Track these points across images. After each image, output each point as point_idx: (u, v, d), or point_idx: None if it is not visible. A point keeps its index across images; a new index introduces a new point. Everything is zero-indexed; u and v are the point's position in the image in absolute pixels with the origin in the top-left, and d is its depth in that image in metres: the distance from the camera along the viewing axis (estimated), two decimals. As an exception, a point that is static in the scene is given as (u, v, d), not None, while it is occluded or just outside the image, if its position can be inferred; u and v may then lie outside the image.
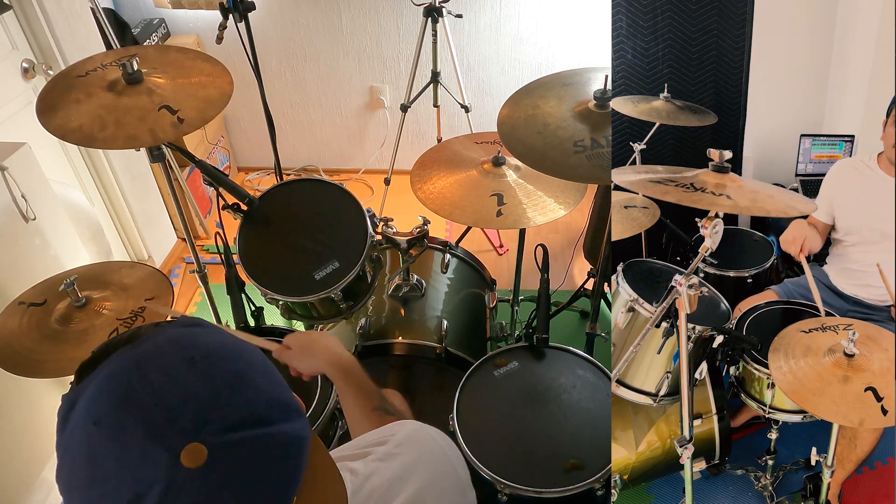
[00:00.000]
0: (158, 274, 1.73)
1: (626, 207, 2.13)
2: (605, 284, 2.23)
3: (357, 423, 1.05)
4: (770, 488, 1.89)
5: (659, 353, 1.63)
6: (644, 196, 1.99)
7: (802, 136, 2.54)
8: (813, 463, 1.67)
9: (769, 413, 1.71)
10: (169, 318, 0.65)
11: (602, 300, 2.28)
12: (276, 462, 0.53)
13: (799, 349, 1.52)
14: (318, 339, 1.18)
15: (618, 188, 1.78)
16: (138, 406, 0.51)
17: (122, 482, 0.50)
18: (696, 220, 1.36)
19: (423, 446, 0.81)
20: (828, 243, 2.03)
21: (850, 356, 1.44)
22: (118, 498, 0.50)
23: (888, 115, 1.82)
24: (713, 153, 1.39)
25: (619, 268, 1.76)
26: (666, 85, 2.14)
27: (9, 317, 1.57)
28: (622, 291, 1.71)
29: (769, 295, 1.97)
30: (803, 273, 2.09)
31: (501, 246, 3.18)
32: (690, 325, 1.53)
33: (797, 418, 1.69)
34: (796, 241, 1.91)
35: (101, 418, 0.52)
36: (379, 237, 1.75)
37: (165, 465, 0.49)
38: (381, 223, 1.77)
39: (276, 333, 1.76)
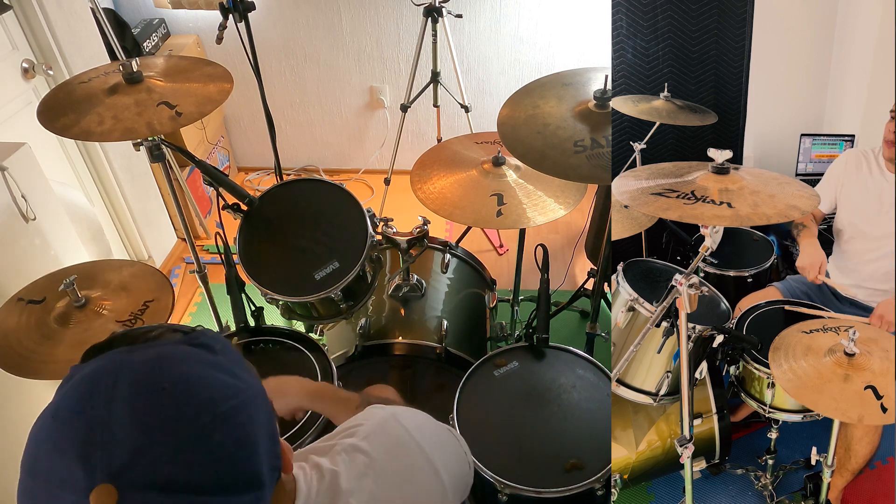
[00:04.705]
0: (158, 274, 1.73)
1: (626, 207, 2.13)
2: (605, 284, 2.23)
3: None
4: (770, 488, 1.89)
5: (659, 352, 1.63)
6: (645, 213, 1.98)
7: (803, 135, 2.54)
8: (813, 462, 1.67)
9: (769, 412, 1.71)
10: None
11: (602, 300, 2.28)
12: None
13: (799, 349, 1.52)
14: (284, 380, 1.17)
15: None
16: (89, 420, 0.49)
17: (47, 486, 0.49)
18: (697, 219, 1.35)
19: (390, 437, 0.79)
20: (829, 243, 2.03)
21: (851, 355, 1.45)
22: (41, 487, 0.49)
23: None
24: (714, 153, 1.39)
25: (620, 267, 1.76)
26: (666, 84, 2.14)
27: (7, 314, 1.56)
28: (622, 291, 1.71)
29: (771, 291, 1.97)
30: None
31: (501, 246, 3.18)
32: (690, 325, 1.53)
33: (797, 418, 1.69)
34: (814, 266, 1.86)
35: (58, 412, 0.51)
36: (379, 237, 1.75)
37: (79, 493, 0.47)
38: (381, 223, 1.77)
39: (276, 333, 1.76)
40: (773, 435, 1.81)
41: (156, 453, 0.48)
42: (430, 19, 2.65)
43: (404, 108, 2.88)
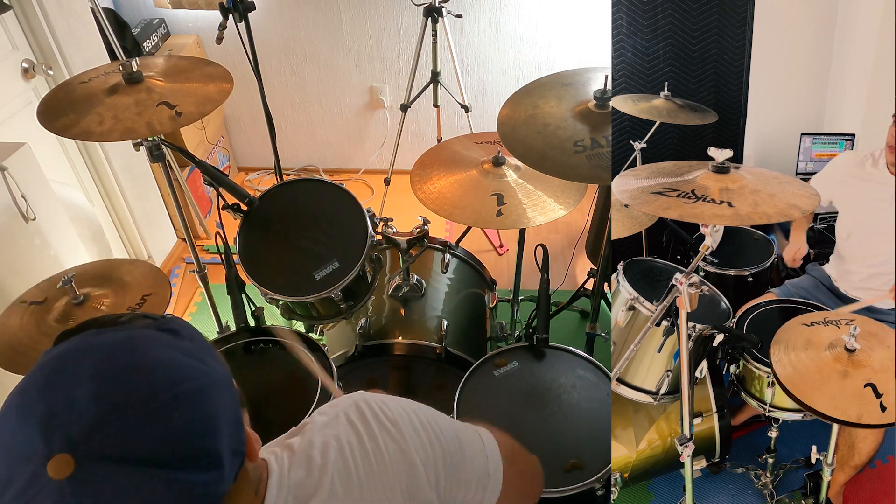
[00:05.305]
0: (158, 271, 1.73)
1: (626, 206, 2.13)
2: (605, 284, 2.23)
3: None
4: (770, 486, 1.89)
5: (659, 351, 1.63)
6: (645, 213, 1.98)
7: (803, 134, 2.54)
8: (813, 461, 1.67)
9: (769, 411, 1.71)
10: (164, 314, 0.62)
11: (602, 300, 2.28)
12: None
13: (800, 342, 1.52)
14: None
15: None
16: (52, 394, 0.51)
17: (8, 458, 0.50)
18: (697, 218, 1.35)
19: (359, 415, 0.79)
20: (831, 243, 2.03)
21: (851, 351, 1.44)
22: (3, 461, 0.50)
23: None
24: (714, 152, 1.39)
25: (620, 266, 1.76)
26: (666, 83, 2.14)
27: (10, 316, 1.57)
28: (622, 290, 1.71)
29: (770, 297, 1.97)
30: (804, 273, 2.10)
31: (501, 246, 3.18)
32: (691, 324, 1.53)
33: (797, 417, 1.69)
34: (797, 256, 2.05)
35: (24, 389, 0.52)
36: (379, 237, 1.75)
37: (37, 462, 0.48)
38: (381, 223, 1.77)
39: (276, 333, 1.76)
40: (774, 434, 1.81)
41: (114, 428, 0.49)
42: (430, 19, 2.65)
43: (404, 108, 2.88)
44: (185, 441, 0.52)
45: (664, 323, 1.53)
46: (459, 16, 2.78)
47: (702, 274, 2.09)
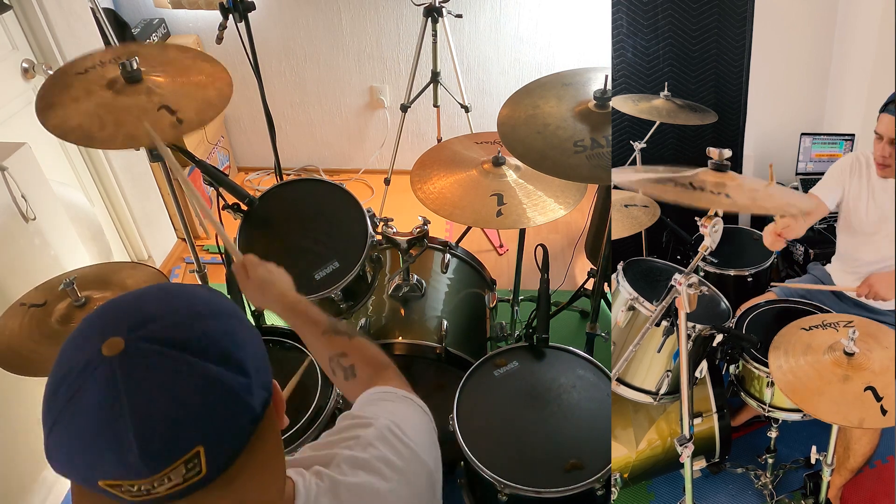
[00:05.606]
0: (160, 275, 1.73)
1: (626, 206, 2.13)
2: (605, 284, 2.23)
3: (316, 351, 1.10)
4: (770, 487, 1.89)
5: (659, 351, 1.63)
6: (643, 194, 1.98)
7: (803, 134, 2.54)
8: (813, 461, 1.67)
9: (769, 412, 1.71)
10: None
11: (602, 300, 2.28)
12: (190, 395, 0.56)
13: (799, 347, 1.52)
14: (274, 280, 1.17)
15: (618, 187, 1.78)
16: (106, 310, 0.62)
17: (65, 359, 0.58)
18: (696, 218, 1.36)
19: (391, 448, 0.80)
20: (831, 243, 2.03)
21: (850, 355, 1.44)
22: (62, 365, 0.58)
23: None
24: (713, 152, 1.39)
25: (620, 266, 1.76)
26: (666, 83, 2.14)
27: (10, 318, 1.57)
28: (622, 290, 1.71)
29: (770, 297, 1.97)
30: (805, 273, 2.10)
31: (501, 246, 3.18)
32: (690, 324, 1.53)
33: (797, 417, 1.69)
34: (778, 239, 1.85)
35: (86, 317, 0.62)
36: (379, 237, 1.75)
37: (92, 348, 0.56)
38: (381, 223, 1.77)
39: (276, 333, 1.76)
40: (773, 434, 1.81)
41: (161, 321, 0.59)
42: (430, 19, 2.65)
43: (404, 108, 2.88)
44: (220, 344, 0.60)
45: (664, 323, 1.53)
46: (459, 16, 2.78)
47: (701, 274, 2.09)
